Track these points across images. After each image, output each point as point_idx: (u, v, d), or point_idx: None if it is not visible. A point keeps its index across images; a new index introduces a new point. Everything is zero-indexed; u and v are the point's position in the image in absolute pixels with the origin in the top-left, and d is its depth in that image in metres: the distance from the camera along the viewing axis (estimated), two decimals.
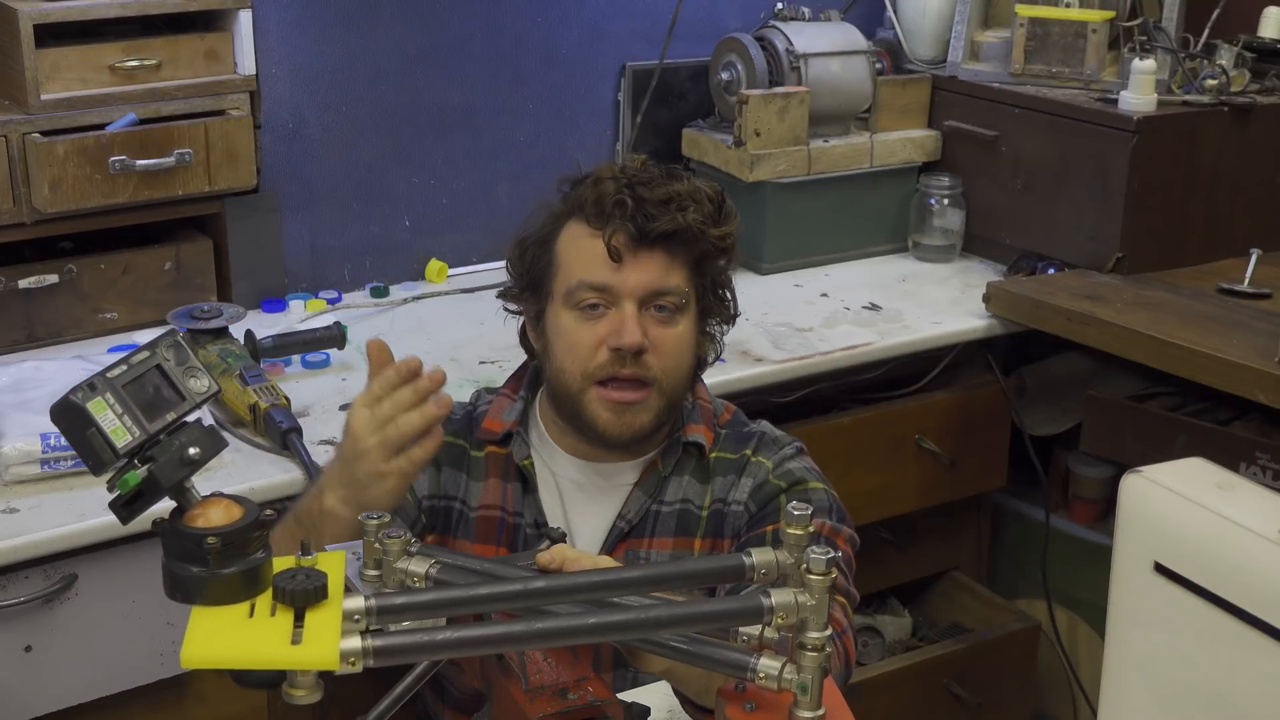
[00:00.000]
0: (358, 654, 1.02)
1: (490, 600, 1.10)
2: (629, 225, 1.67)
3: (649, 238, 1.67)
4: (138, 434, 1.06)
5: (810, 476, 1.77)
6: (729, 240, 1.74)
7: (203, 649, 1.01)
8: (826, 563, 1.08)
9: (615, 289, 1.68)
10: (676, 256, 1.70)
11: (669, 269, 1.70)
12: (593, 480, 1.76)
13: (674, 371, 1.71)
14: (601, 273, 1.68)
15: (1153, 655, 1.28)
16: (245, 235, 2.58)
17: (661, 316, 1.70)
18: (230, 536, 1.04)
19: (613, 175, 1.70)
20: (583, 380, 1.69)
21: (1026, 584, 2.89)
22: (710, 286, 1.76)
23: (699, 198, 1.71)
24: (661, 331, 1.70)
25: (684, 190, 1.70)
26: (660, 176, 1.72)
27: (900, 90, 3.00)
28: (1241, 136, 2.77)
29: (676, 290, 1.70)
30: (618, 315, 1.68)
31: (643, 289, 1.68)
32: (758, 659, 1.10)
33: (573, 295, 1.70)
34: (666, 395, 1.71)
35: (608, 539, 1.74)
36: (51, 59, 2.33)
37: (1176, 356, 2.39)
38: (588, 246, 1.69)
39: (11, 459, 1.95)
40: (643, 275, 1.68)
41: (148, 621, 1.96)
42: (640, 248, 1.68)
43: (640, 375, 1.68)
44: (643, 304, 1.69)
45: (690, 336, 1.74)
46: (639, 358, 1.68)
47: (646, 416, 1.70)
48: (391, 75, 2.71)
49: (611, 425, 1.69)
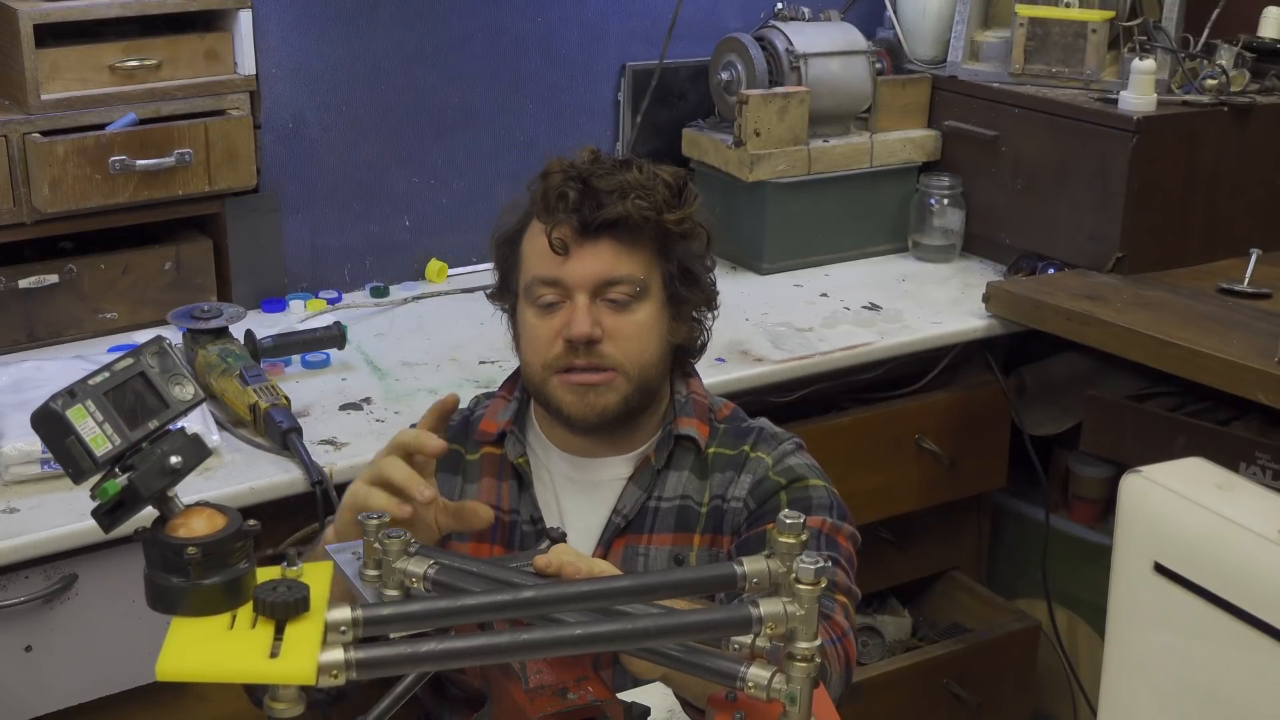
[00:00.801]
0: (339, 666, 1.01)
1: (478, 611, 1.10)
2: (572, 217, 1.67)
3: (592, 227, 1.67)
4: (118, 442, 1.04)
5: (810, 473, 1.76)
6: (686, 224, 1.73)
7: (178, 660, 1.00)
8: (815, 572, 1.07)
9: (565, 281, 1.69)
10: (629, 245, 1.69)
11: (618, 258, 1.69)
12: (585, 475, 1.76)
13: (637, 357, 1.70)
14: (550, 267, 1.69)
15: (1153, 655, 1.28)
16: (245, 235, 2.58)
17: (616, 305, 1.69)
18: (211, 547, 1.02)
19: (561, 169, 1.70)
20: (544, 371, 1.71)
21: (1026, 584, 2.89)
22: (677, 272, 1.74)
23: (651, 184, 1.70)
24: (617, 320, 1.69)
25: (633, 179, 1.69)
26: (612, 166, 1.71)
27: (900, 90, 3.00)
28: (1241, 136, 2.77)
29: (629, 279, 1.69)
30: (568, 309, 1.69)
31: (591, 279, 1.68)
32: (747, 668, 1.09)
33: (530, 291, 1.71)
34: (635, 380, 1.70)
35: (604, 534, 1.74)
36: (51, 59, 2.33)
37: (1176, 356, 2.39)
38: (539, 242, 1.70)
39: (11, 459, 1.95)
40: (590, 266, 1.68)
41: (148, 621, 1.94)
42: (585, 239, 1.68)
43: (597, 365, 1.69)
44: (595, 294, 1.69)
45: (653, 323, 1.72)
46: (592, 348, 1.68)
47: (612, 397, 1.70)
48: (391, 75, 2.71)
49: (575, 407, 1.70)
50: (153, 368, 1.09)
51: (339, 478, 2.05)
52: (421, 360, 2.46)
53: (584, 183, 1.68)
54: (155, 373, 1.09)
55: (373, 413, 2.25)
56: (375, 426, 2.20)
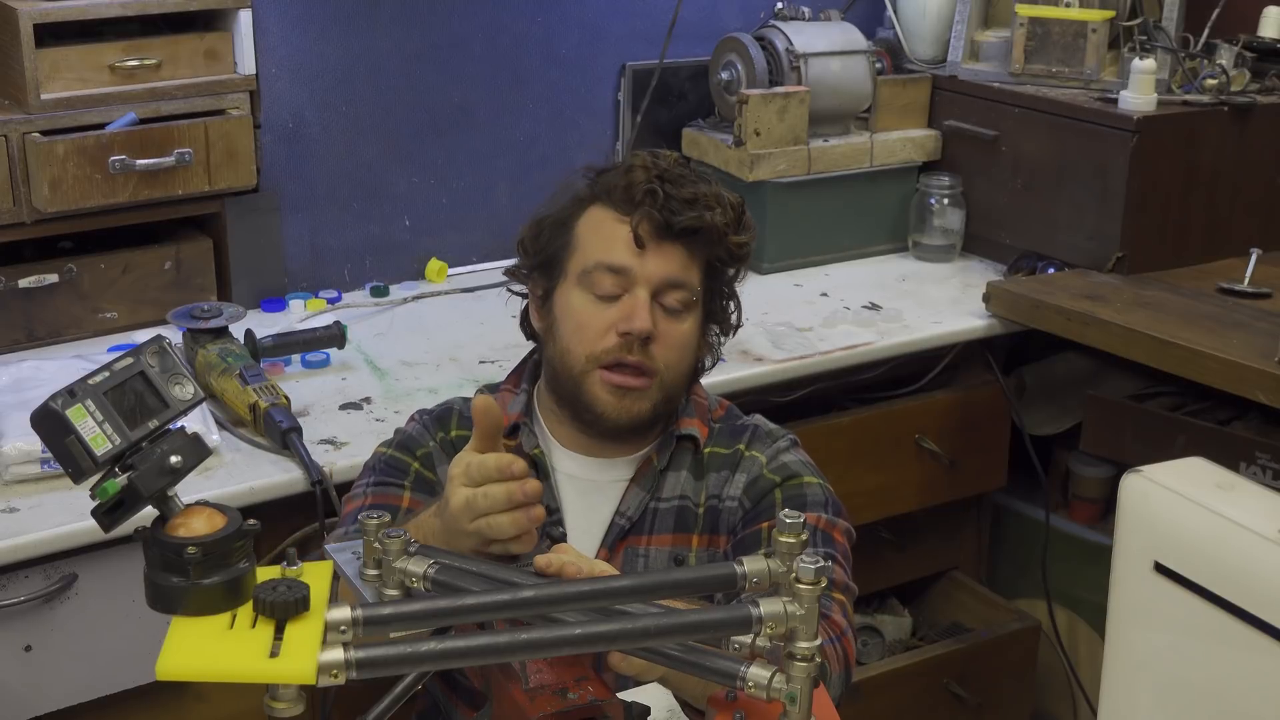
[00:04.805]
0: (340, 666, 1.01)
1: (478, 611, 1.10)
2: (656, 214, 1.68)
3: (673, 230, 1.69)
4: (118, 442, 1.04)
5: (805, 470, 1.77)
6: (745, 250, 1.77)
7: (178, 660, 0.99)
8: (816, 572, 1.07)
9: (633, 273, 1.69)
10: (695, 255, 1.72)
11: (687, 265, 1.71)
12: (589, 475, 1.76)
13: (676, 366, 1.72)
14: (622, 255, 1.69)
15: (1153, 655, 1.28)
16: (245, 235, 2.58)
17: (672, 310, 1.71)
18: (211, 546, 1.02)
19: (644, 165, 1.72)
20: (587, 363, 1.70)
21: (1026, 584, 2.89)
22: (719, 292, 1.78)
23: (724, 202, 1.73)
24: (669, 325, 1.71)
25: (710, 193, 1.72)
26: (690, 175, 1.74)
27: (900, 90, 3.00)
28: (1241, 136, 2.76)
29: (690, 286, 1.71)
30: (630, 301, 1.69)
31: (659, 278, 1.69)
32: (747, 668, 1.09)
33: (588, 275, 1.70)
34: (666, 389, 1.72)
35: (607, 536, 1.74)
36: (51, 59, 2.33)
37: (1176, 356, 2.39)
38: (611, 230, 1.70)
39: (11, 459, 1.95)
40: (662, 265, 1.69)
41: (148, 621, 1.94)
42: (664, 239, 1.69)
43: (644, 364, 1.69)
44: (655, 294, 1.70)
45: (694, 336, 1.75)
46: (645, 346, 1.68)
47: (645, 405, 1.70)
48: (391, 75, 2.71)
49: (611, 408, 1.70)
50: (153, 367, 1.09)
51: (339, 477, 2.05)
52: (421, 360, 2.46)
53: (666, 184, 1.69)
54: (155, 372, 1.08)
55: (373, 412, 2.25)
56: (375, 426, 2.20)
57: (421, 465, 1.76)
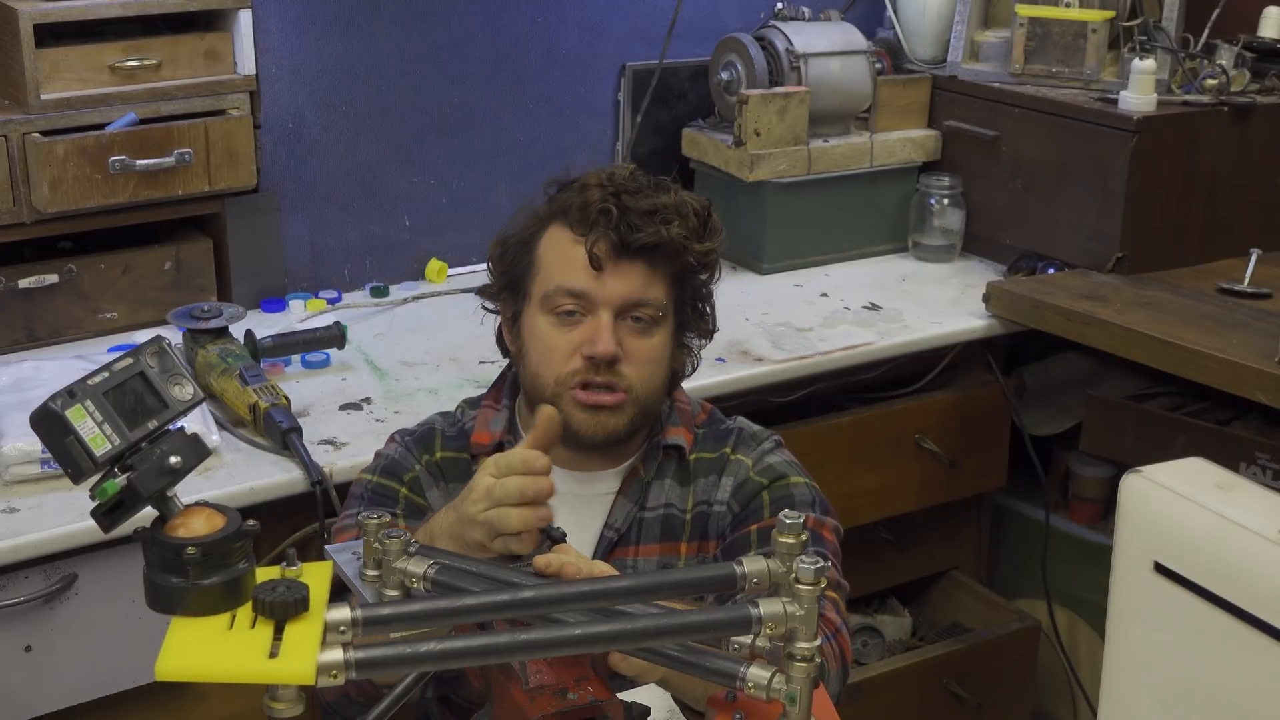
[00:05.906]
0: (339, 666, 1.01)
1: (478, 611, 1.10)
2: (611, 234, 1.65)
3: (630, 248, 1.66)
4: (117, 442, 1.04)
5: (791, 471, 1.77)
6: (711, 257, 1.74)
7: (177, 660, 0.99)
8: (815, 572, 1.07)
9: (593, 296, 1.67)
10: (657, 269, 1.69)
11: (649, 281, 1.69)
12: (574, 490, 1.75)
13: (648, 380, 1.71)
14: (580, 279, 1.67)
15: (1153, 655, 1.28)
16: (245, 235, 2.58)
17: (638, 327, 1.69)
18: (211, 547, 1.02)
19: (599, 183, 1.69)
20: (557, 385, 1.69)
21: (1026, 584, 2.89)
22: (690, 301, 1.75)
23: (684, 211, 1.70)
24: (637, 342, 1.69)
25: (670, 203, 1.69)
26: (647, 187, 1.70)
27: (900, 90, 3.00)
28: (1241, 136, 2.77)
29: (654, 303, 1.69)
30: (593, 323, 1.67)
31: (620, 299, 1.67)
32: (747, 668, 1.09)
33: (550, 299, 1.69)
34: (641, 404, 1.71)
35: (597, 549, 1.74)
36: (51, 59, 2.33)
37: (1176, 356, 2.39)
38: (569, 252, 1.68)
39: (11, 459, 1.95)
40: (621, 285, 1.67)
41: (148, 621, 1.94)
42: (621, 258, 1.67)
43: (613, 383, 1.68)
44: (619, 314, 1.68)
45: (666, 348, 1.73)
46: (612, 366, 1.67)
47: (620, 420, 1.70)
48: (391, 75, 2.71)
49: (586, 425, 1.69)
50: (152, 368, 1.09)
51: (339, 478, 2.05)
52: (421, 360, 2.46)
53: (622, 200, 1.67)
54: (155, 373, 1.08)
55: (373, 413, 2.25)
56: (375, 426, 2.20)
57: (410, 490, 1.75)
